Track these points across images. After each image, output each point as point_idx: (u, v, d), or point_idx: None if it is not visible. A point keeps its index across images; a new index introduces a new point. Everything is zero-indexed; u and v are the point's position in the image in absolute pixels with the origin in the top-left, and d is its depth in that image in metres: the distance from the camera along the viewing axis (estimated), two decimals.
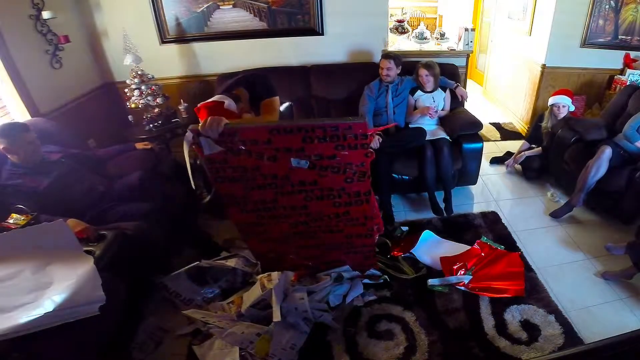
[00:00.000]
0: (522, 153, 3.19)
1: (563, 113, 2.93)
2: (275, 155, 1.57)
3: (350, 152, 1.55)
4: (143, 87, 2.91)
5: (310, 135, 1.51)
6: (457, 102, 3.06)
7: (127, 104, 2.95)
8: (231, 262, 2.18)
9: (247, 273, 2.16)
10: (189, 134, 1.54)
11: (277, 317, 1.76)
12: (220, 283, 2.14)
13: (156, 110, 2.99)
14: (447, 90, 2.99)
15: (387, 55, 2.81)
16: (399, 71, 2.83)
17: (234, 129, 1.53)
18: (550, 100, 2.99)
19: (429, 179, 2.69)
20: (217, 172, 1.64)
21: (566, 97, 2.90)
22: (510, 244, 2.42)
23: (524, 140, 3.35)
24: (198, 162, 2.55)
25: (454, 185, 2.86)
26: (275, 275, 1.95)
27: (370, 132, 1.60)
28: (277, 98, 2.00)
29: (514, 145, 3.54)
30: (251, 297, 1.92)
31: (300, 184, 1.67)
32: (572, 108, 2.95)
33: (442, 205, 2.75)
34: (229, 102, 1.85)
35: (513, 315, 1.94)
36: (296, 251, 2.03)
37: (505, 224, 2.62)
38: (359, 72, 3.14)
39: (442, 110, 2.95)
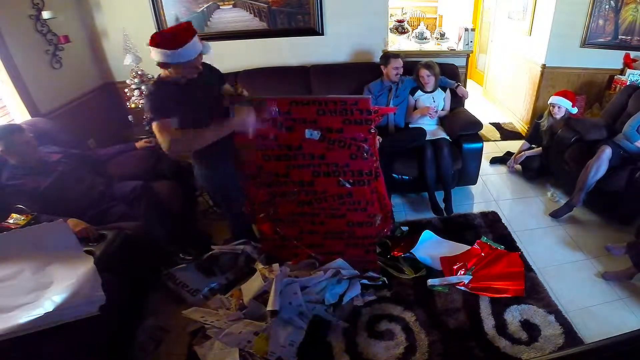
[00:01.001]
0: (522, 153, 3.19)
1: (560, 114, 2.94)
2: (292, 126, 1.78)
3: (356, 126, 1.74)
4: (143, 87, 2.91)
5: (323, 109, 1.73)
6: (457, 102, 3.06)
7: (127, 104, 2.96)
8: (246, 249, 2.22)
9: (252, 259, 2.18)
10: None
11: (274, 305, 1.77)
12: (227, 275, 2.15)
13: None
14: (447, 90, 2.99)
15: (395, 55, 2.79)
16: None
17: (262, 99, 1.76)
18: (550, 100, 3.00)
19: (430, 179, 2.69)
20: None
21: (564, 99, 2.91)
22: (510, 244, 2.42)
23: (524, 140, 3.35)
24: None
25: (454, 185, 2.86)
26: (276, 266, 2.00)
27: (374, 109, 1.73)
28: None
29: (514, 145, 3.54)
30: (251, 288, 1.94)
31: (310, 156, 1.84)
32: (574, 110, 2.95)
33: (442, 206, 2.75)
34: None
35: (513, 315, 1.94)
36: (300, 237, 2.08)
37: (505, 224, 2.62)
38: (359, 72, 3.14)
39: (442, 110, 2.95)
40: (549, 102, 3.02)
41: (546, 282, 2.14)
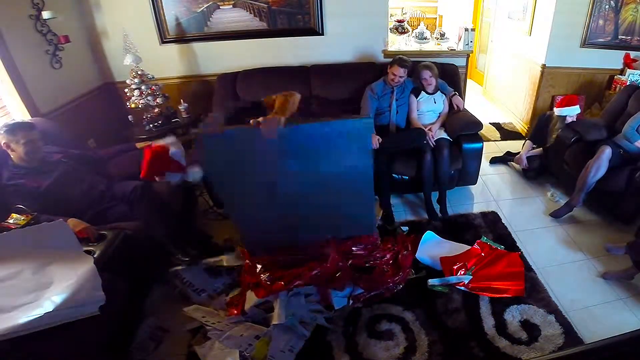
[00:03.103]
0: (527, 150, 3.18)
1: (572, 119, 2.96)
2: None
3: None
4: (143, 87, 2.91)
5: None
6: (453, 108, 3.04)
7: (127, 104, 2.96)
8: (229, 261, 2.19)
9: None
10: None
11: (280, 319, 1.76)
12: (234, 274, 2.15)
13: (156, 110, 2.99)
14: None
15: (401, 63, 2.72)
16: (406, 76, 2.83)
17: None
18: (559, 112, 2.97)
19: (427, 184, 2.69)
20: None
21: (576, 107, 2.93)
22: (510, 244, 2.42)
23: (528, 140, 3.31)
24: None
25: (453, 185, 2.86)
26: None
27: None
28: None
29: (514, 145, 3.54)
30: (253, 296, 1.92)
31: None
32: (579, 111, 2.97)
33: (437, 207, 2.75)
34: (175, 150, 1.95)
35: (513, 315, 1.94)
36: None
37: (505, 224, 2.62)
38: (360, 72, 3.14)
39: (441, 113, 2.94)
40: (556, 114, 2.99)
41: (546, 282, 2.14)
